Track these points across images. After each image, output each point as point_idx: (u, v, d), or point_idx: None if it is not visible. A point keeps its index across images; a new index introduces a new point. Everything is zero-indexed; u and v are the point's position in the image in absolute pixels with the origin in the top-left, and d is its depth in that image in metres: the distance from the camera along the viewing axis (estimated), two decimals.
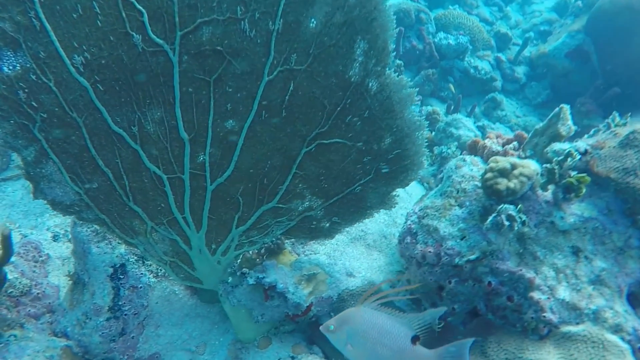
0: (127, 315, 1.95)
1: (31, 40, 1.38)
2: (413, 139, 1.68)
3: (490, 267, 1.89)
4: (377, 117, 1.62)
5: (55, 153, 1.62)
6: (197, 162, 1.69)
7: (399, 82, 1.56)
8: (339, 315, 1.33)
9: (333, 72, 1.52)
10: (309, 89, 1.55)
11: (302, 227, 1.92)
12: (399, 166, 1.74)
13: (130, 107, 1.54)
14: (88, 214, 1.80)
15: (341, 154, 1.70)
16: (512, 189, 1.84)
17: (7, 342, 1.75)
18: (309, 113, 1.60)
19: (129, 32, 1.39)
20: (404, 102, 1.60)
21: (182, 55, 1.44)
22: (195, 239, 1.92)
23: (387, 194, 1.82)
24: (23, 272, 2.08)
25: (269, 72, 1.50)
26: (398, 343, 1.24)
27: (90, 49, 1.41)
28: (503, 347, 1.86)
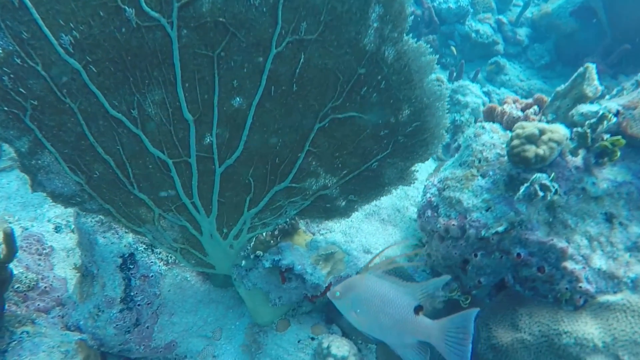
0: (140, 306, 1.80)
1: (10, 19, 1.19)
2: (433, 111, 1.49)
3: (518, 238, 1.73)
4: (394, 88, 1.43)
5: (51, 142, 1.45)
6: (204, 144, 1.52)
7: (418, 49, 1.37)
8: (345, 281, 1.27)
9: (346, 40, 1.33)
10: (320, 60, 1.36)
11: (316, 207, 1.75)
12: (418, 139, 1.56)
13: (128, 89, 1.35)
14: (91, 205, 1.63)
15: (356, 128, 1.52)
16: (542, 156, 1.66)
17: (20, 339, 1.61)
18: (322, 86, 1.41)
19: (121, 5, 1.19)
20: (423, 70, 1.41)
21: (181, 30, 1.25)
22: (206, 223, 1.75)
23: (405, 170, 1.64)
24: (28, 266, 1.92)
25: (277, 44, 1.31)
26: (401, 312, 1.17)
27: (79, 27, 1.21)
28: (535, 320, 1.72)
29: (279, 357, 1.91)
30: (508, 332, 1.75)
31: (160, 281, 1.86)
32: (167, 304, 1.87)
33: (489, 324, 1.81)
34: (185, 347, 1.94)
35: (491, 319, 1.81)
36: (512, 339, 1.73)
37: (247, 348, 2.00)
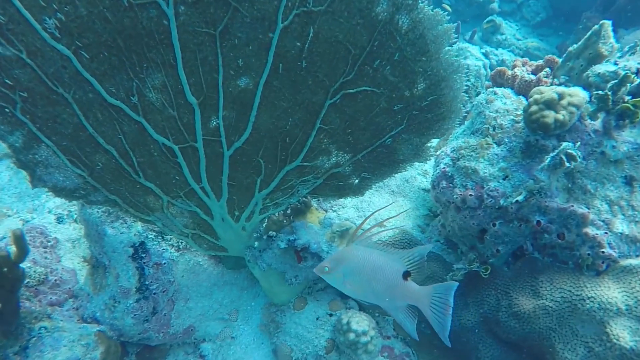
0: (156, 294, 1.66)
1: None
2: (450, 83, 1.31)
3: (538, 206, 1.59)
4: (409, 60, 1.25)
5: (47, 135, 1.27)
6: (210, 127, 1.35)
7: (434, 16, 1.18)
8: (332, 255, 1.22)
9: (357, 10, 1.14)
10: (330, 33, 1.17)
11: (329, 185, 1.59)
12: (434, 114, 1.38)
13: (126, 74, 1.17)
14: (96, 196, 1.46)
15: (369, 103, 1.34)
16: (561, 121, 1.50)
17: (39, 335, 1.48)
18: (332, 61, 1.23)
19: None
20: (439, 40, 1.23)
21: (178, 6, 1.07)
22: (217, 207, 1.59)
23: (421, 145, 1.46)
24: (35, 260, 1.77)
25: (283, 18, 1.13)
26: (390, 278, 1.17)
27: (63, 8, 1.03)
28: (557, 286, 1.60)
29: (298, 335, 1.78)
30: (529, 299, 1.62)
31: (173, 268, 1.71)
32: (182, 290, 1.73)
33: (509, 292, 1.68)
34: (204, 331, 1.81)
35: (511, 287, 1.68)
36: (533, 306, 1.60)
37: (266, 327, 1.87)
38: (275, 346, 1.80)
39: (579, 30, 3.69)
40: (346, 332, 1.73)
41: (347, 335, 1.73)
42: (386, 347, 1.86)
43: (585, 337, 1.53)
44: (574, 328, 1.55)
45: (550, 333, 1.57)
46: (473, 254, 1.75)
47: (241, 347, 1.81)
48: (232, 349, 1.80)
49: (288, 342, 1.78)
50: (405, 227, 1.95)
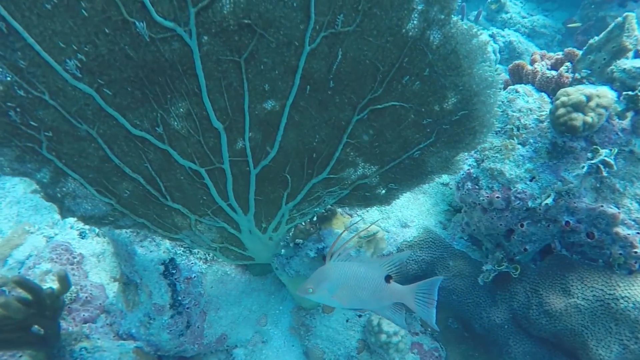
0: (189, 308, 1.60)
1: (1, 48, 0.90)
2: (483, 98, 1.20)
3: (566, 207, 1.49)
4: (439, 75, 1.13)
5: (73, 169, 1.19)
6: (237, 149, 1.25)
7: (467, 31, 1.06)
8: (313, 276, 1.20)
9: (387, 28, 1.03)
10: (359, 52, 1.07)
11: (356, 196, 1.50)
12: (465, 128, 1.27)
13: (149, 106, 1.08)
14: (125, 221, 1.38)
15: (397, 117, 1.24)
16: (590, 124, 1.40)
17: (81, 356, 1.43)
18: (360, 79, 1.13)
19: (128, 19, 0.89)
20: (472, 55, 1.11)
21: (201, 37, 0.96)
22: (244, 221, 1.51)
23: (450, 159, 1.36)
24: None
25: (311, 40, 1.02)
26: (374, 284, 1.18)
27: (83, 48, 0.92)
28: (588, 284, 1.52)
29: (329, 337, 1.73)
30: (560, 297, 1.55)
31: (203, 280, 1.65)
32: (212, 301, 1.66)
33: (538, 290, 1.60)
34: (235, 338, 1.75)
35: (540, 286, 1.60)
36: (565, 305, 1.53)
37: (296, 331, 1.81)
38: (307, 349, 1.74)
39: (585, 5, 3.50)
40: (377, 333, 1.67)
41: (378, 336, 1.67)
42: (415, 344, 1.80)
43: (620, 335, 1.46)
44: (607, 326, 1.48)
45: (582, 330, 1.51)
46: (500, 253, 1.67)
47: (273, 350, 1.76)
48: (264, 353, 1.74)
49: (320, 344, 1.72)
50: (429, 226, 1.86)
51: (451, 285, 1.75)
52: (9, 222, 2.08)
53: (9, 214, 2.10)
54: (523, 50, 3.35)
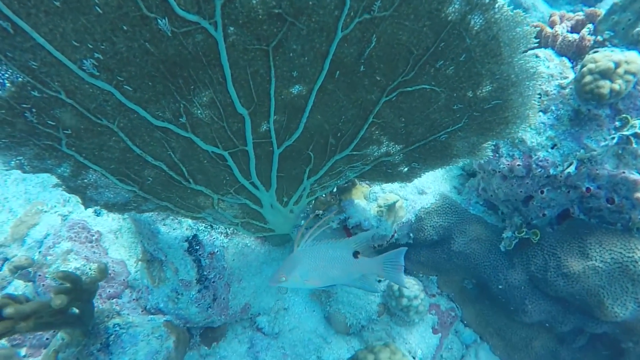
0: (214, 282, 1.56)
1: (9, 49, 0.79)
2: (521, 90, 1.08)
3: (588, 173, 1.42)
4: (476, 61, 1.02)
5: (94, 162, 1.10)
6: (260, 132, 1.16)
7: (513, 17, 0.94)
8: (283, 265, 1.21)
9: (426, 12, 0.91)
10: (393, 36, 0.95)
11: (377, 171, 1.42)
12: (497, 117, 1.16)
13: (172, 98, 0.97)
14: (148, 206, 1.31)
15: (427, 100, 1.13)
16: (617, 91, 1.30)
17: (116, 332, 1.40)
18: (392, 62, 1.02)
19: (147, 14, 0.77)
20: (515, 43, 0.99)
21: (227, 28, 0.84)
22: (266, 197, 1.44)
23: (478, 145, 1.26)
24: (87, 257, 1.64)
25: (344, 27, 0.90)
26: (345, 261, 1.21)
27: (99, 46, 0.81)
28: (606, 247, 1.48)
29: (351, 303, 1.70)
30: (578, 260, 1.51)
31: (225, 253, 1.60)
32: (234, 273, 1.62)
33: (556, 253, 1.56)
34: (258, 306, 1.72)
35: (558, 249, 1.56)
36: (583, 267, 1.50)
37: (317, 297, 1.78)
38: (329, 314, 1.72)
39: None
40: (399, 297, 1.64)
41: (400, 300, 1.64)
42: (433, 305, 1.78)
43: (637, 294, 1.44)
44: (624, 286, 1.46)
45: (599, 290, 1.48)
46: (518, 219, 1.61)
47: (294, 316, 1.74)
48: (287, 319, 1.72)
49: (342, 310, 1.70)
50: (444, 192, 1.79)
51: (468, 250, 1.71)
52: (18, 199, 1.99)
53: (17, 192, 2.01)
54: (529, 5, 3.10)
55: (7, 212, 1.94)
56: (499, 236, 1.69)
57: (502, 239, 1.60)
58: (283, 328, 1.70)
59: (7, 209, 1.95)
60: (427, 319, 1.74)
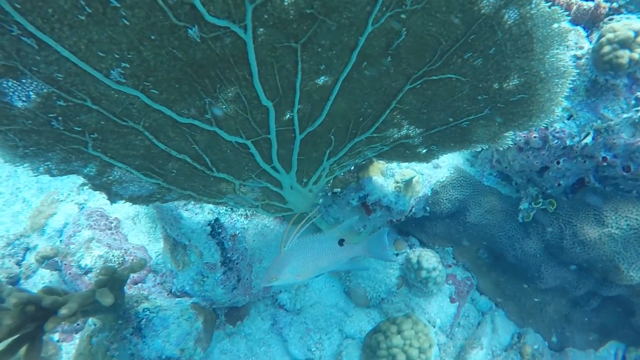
0: (238, 263, 1.59)
1: (34, 63, 0.77)
2: (549, 86, 1.05)
3: (604, 143, 1.42)
4: (505, 55, 0.98)
5: (120, 160, 1.09)
6: (284, 120, 1.14)
7: (550, 14, 0.90)
8: (272, 266, 1.23)
9: (459, 4, 0.88)
10: (423, 28, 0.92)
11: (396, 152, 1.41)
12: (521, 109, 1.13)
13: (197, 96, 0.95)
14: (171, 195, 1.31)
15: (451, 89, 1.11)
16: (637, 60, 1.29)
17: (147, 317, 1.44)
18: (419, 52, 0.99)
19: (177, 23, 0.74)
20: (549, 40, 0.95)
21: (257, 29, 0.81)
22: (286, 179, 1.44)
23: (499, 133, 1.23)
24: (109, 244, 1.65)
25: (374, 21, 0.87)
26: (331, 251, 1.24)
27: (126, 55, 0.78)
28: (622, 215, 1.51)
29: (370, 277, 1.73)
30: (594, 228, 1.54)
31: (245, 235, 1.61)
32: (255, 253, 1.64)
33: (572, 221, 1.58)
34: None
35: (574, 217, 1.58)
36: (599, 234, 1.53)
37: (336, 273, 1.81)
38: (349, 289, 1.76)
39: None
40: (418, 270, 1.67)
41: (419, 273, 1.67)
42: (450, 275, 1.82)
43: None
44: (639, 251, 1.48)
45: (614, 256, 1.52)
46: (533, 189, 1.61)
47: (315, 292, 1.77)
48: (307, 295, 1.76)
49: (362, 284, 1.73)
50: (458, 165, 1.78)
51: (483, 221, 1.72)
52: (30, 189, 1.98)
53: (29, 182, 1.99)
54: None
55: (20, 202, 1.94)
56: (514, 207, 1.71)
57: (520, 211, 1.61)
58: (304, 304, 1.74)
59: (21, 199, 1.95)
60: (445, 289, 1.78)
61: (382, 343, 1.51)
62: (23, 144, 0.92)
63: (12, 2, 0.67)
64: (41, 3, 0.68)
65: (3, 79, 0.78)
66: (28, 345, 1.04)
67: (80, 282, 1.55)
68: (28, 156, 0.95)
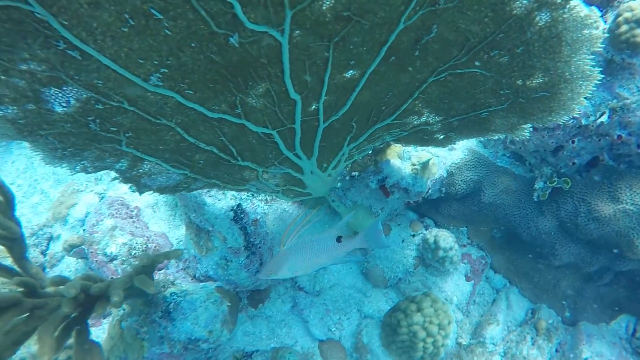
0: (260, 247, 1.64)
1: (77, 72, 0.80)
2: (573, 87, 1.07)
3: (619, 121, 1.46)
4: (532, 55, 1.00)
5: (150, 154, 1.13)
6: (309, 111, 1.17)
7: (582, 19, 0.92)
8: (271, 261, 1.28)
9: (490, 4, 0.89)
10: (452, 25, 0.94)
11: (414, 136, 1.44)
12: (542, 105, 1.16)
13: (230, 93, 0.99)
14: (197, 184, 1.35)
15: (474, 82, 1.13)
16: None
17: (174, 301, 1.49)
18: (446, 48, 1.01)
19: (217, 31, 0.76)
20: (578, 44, 0.97)
21: (293, 32, 0.83)
22: (307, 165, 1.47)
23: (517, 125, 1.26)
24: (132, 232, 1.69)
25: (407, 19, 0.89)
26: (329, 248, 1.29)
27: (165, 61, 0.80)
28: (636, 191, 1.56)
29: (388, 258, 1.79)
30: (608, 204, 1.60)
31: (266, 219, 1.66)
32: (275, 237, 1.70)
33: (586, 199, 1.63)
34: None
35: (588, 195, 1.64)
36: (614, 210, 1.58)
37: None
38: (367, 269, 1.82)
39: None
40: (435, 249, 1.73)
41: (436, 252, 1.73)
42: (465, 255, 1.87)
43: None
44: None
45: (629, 231, 1.57)
46: (548, 169, 1.65)
47: (333, 274, 1.83)
48: (326, 277, 1.82)
49: (379, 264, 1.79)
50: (472, 147, 1.82)
51: (498, 200, 1.77)
52: (47, 180, 2.00)
53: (45, 173, 2.02)
54: None
55: (39, 194, 1.97)
56: (528, 186, 1.75)
57: (535, 190, 1.66)
58: (324, 286, 1.80)
59: (39, 190, 1.99)
60: (460, 268, 1.84)
61: (402, 321, 1.58)
62: (62, 145, 0.95)
63: (59, 20, 0.69)
64: (87, 18, 0.70)
65: (46, 88, 0.81)
66: (77, 329, 1.10)
67: (107, 269, 1.61)
68: (66, 157, 0.98)
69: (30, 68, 0.76)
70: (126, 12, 0.70)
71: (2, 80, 0.76)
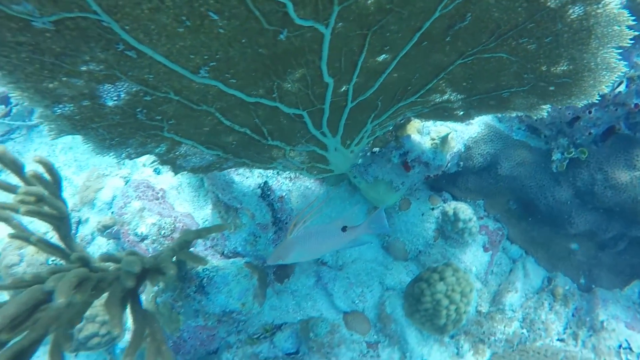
0: (287, 223, 1.73)
1: (131, 70, 0.86)
2: (596, 75, 1.12)
3: (636, 90, 1.52)
4: (560, 44, 1.05)
5: (188, 138, 1.19)
6: (339, 92, 1.23)
7: (615, 16, 0.96)
8: (279, 248, 1.34)
9: None
10: (486, 13, 0.99)
11: (435, 112, 1.50)
12: (563, 89, 1.21)
13: (268, 79, 1.04)
14: (228, 164, 1.43)
15: (499, 65, 1.18)
16: None
17: (207, 276, 1.57)
18: (477, 33, 1.06)
19: (267, 28, 0.81)
20: (607, 39, 1.01)
21: (337, 24, 0.88)
22: (332, 142, 1.54)
23: (537, 105, 1.31)
24: (160, 212, 1.76)
25: (443, 7, 0.93)
26: (335, 239, 1.35)
27: (215, 56, 0.86)
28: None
29: (408, 231, 1.87)
30: (624, 172, 1.67)
31: (291, 196, 1.74)
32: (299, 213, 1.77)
33: (602, 167, 1.71)
34: None
35: (604, 163, 1.71)
36: (630, 177, 1.66)
37: None
38: (388, 243, 1.90)
39: None
40: (454, 221, 1.80)
41: (456, 224, 1.80)
42: (483, 226, 1.95)
43: None
44: None
45: None
46: (564, 140, 1.71)
47: (355, 249, 1.91)
48: (348, 252, 1.90)
49: (400, 238, 1.87)
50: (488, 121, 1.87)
51: (515, 173, 1.84)
52: (69, 167, 2.06)
53: (67, 160, 2.07)
54: None
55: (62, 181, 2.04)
56: (544, 158, 1.81)
57: (553, 161, 1.72)
58: (346, 260, 1.88)
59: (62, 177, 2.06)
60: (478, 239, 1.92)
61: (425, 290, 1.67)
62: (110, 136, 1.01)
63: (121, 24, 0.74)
64: (146, 21, 0.74)
65: (100, 85, 0.86)
66: (131, 300, 1.19)
67: (138, 249, 1.68)
68: (113, 146, 1.04)
69: (89, 68, 0.81)
70: (184, 14, 0.74)
71: (63, 81, 0.82)
